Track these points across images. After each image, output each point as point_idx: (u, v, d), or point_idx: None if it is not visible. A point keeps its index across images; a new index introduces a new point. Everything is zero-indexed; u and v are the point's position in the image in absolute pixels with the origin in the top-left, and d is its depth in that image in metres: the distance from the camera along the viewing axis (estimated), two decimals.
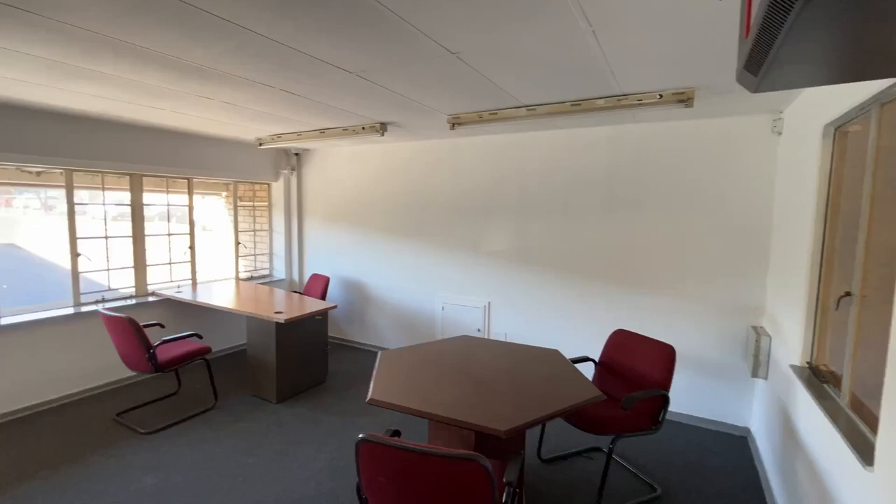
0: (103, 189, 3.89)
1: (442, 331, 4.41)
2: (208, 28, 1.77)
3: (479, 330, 4.20)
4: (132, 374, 3.88)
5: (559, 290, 3.83)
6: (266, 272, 5.45)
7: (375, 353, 4.83)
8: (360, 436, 1.52)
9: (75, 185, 3.68)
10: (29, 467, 2.68)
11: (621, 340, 2.82)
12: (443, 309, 4.39)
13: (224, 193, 5.24)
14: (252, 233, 5.33)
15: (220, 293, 4.26)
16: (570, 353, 3.05)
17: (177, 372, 3.59)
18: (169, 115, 3.44)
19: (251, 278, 5.22)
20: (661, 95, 2.54)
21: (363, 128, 3.63)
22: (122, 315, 3.04)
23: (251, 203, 5.32)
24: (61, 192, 3.66)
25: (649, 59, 2.07)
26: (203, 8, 1.59)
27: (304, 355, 3.81)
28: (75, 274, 3.73)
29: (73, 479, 2.57)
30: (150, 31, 1.81)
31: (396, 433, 1.85)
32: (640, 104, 2.62)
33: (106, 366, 3.75)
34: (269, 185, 5.37)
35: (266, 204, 5.40)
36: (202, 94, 2.77)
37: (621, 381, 2.72)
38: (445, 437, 2.28)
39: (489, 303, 4.17)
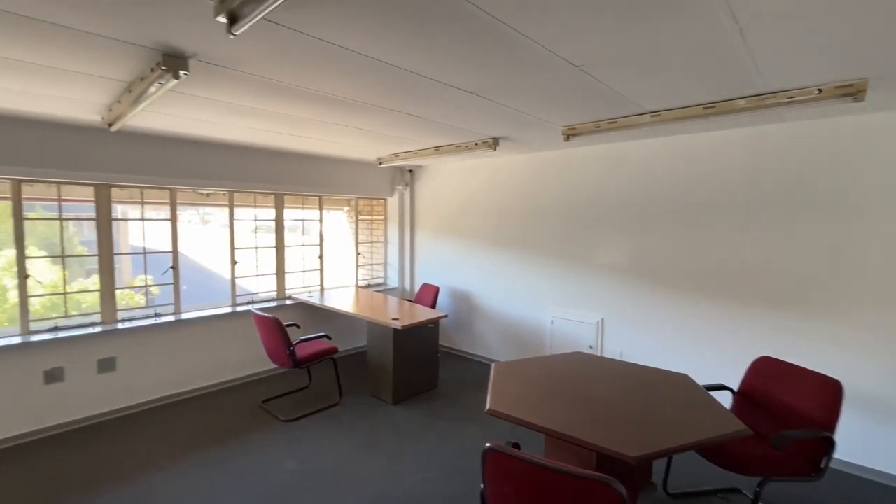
0: (255, 206, 4.56)
1: (551, 345, 4.31)
2: (357, 66, 2.00)
3: (591, 347, 4.02)
4: (273, 367, 4.43)
5: (685, 309, 3.50)
6: (381, 281, 5.87)
7: (483, 364, 4.88)
8: (488, 445, 1.55)
9: (235, 203, 4.38)
10: (198, 440, 3.21)
11: (768, 369, 2.48)
12: (552, 323, 4.29)
13: (346, 208, 5.78)
14: (369, 244, 5.79)
15: (343, 298, 4.69)
16: (700, 379, 2.75)
17: (308, 368, 4.03)
18: (308, 142, 3.93)
19: (368, 286, 5.65)
20: (820, 90, 2.22)
21: (476, 143, 3.75)
22: (270, 316, 3.51)
23: (369, 217, 5.79)
24: (214, 209, 4.37)
25: (808, 53, 1.83)
26: (354, 49, 1.81)
27: (418, 361, 4.00)
28: (233, 278, 4.41)
29: (232, 454, 3.02)
30: (309, 73, 2.10)
31: (516, 446, 1.86)
32: (790, 102, 2.32)
33: (254, 358, 4.35)
34: (385, 199, 5.80)
35: (382, 217, 5.84)
36: (340, 122, 3.12)
37: (767, 416, 2.39)
38: (563, 455, 2.22)
39: (602, 319, 3.97)
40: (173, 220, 4.02)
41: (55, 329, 3.41)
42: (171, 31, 1.67)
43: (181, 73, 1.92)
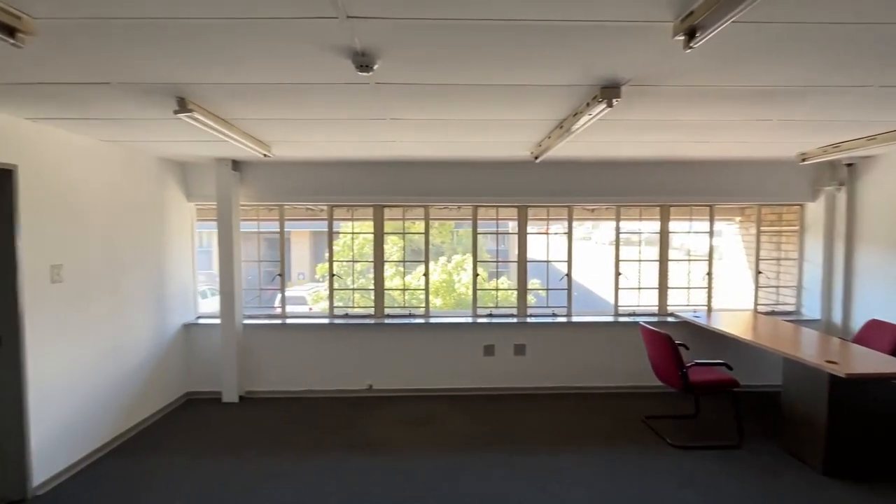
0: (640, 219, 4.59)
1: None
2: (826, 40, 1.62)
3: None
4: (656, 384, 4.28)
5: None
6: (791, 308, 4.65)
7: None
8: None
9: (622, 217, 4.56)
10: (589, 436, 3.46)
11: None
12: None
13: (738, 219, 4.95)
14: (774, 261, 4.71)
15: (738, 324, 3.99)
16: None
17: (697, 396, 3.65)
18: (706, 147, 3.59)
19: (772, 312, 4.60)
20: None
21: None
22: (662, 332, 3.39)
23: (773, 227, 4.71)
24: (575, 222, 4.63)
25: None
26: (833, 20, 1.46)
27: (871, 426, 2.88)
28: (617, 290, 4.59)
29: (619, 461, 3.07)
30: (754, 65, 1.88)
31: None
32: None
33: (635, 371, 4.33)
34: (801, 206, 4.57)
35: (794, 228, 4.62)
36: (762, 118, 2.66)
37: None
38: None
39: None
40: (569, 234, 4.59)
41: (490, 315, 4.56)
42: (617, 64, 1.85)
43: (614, 101, 2.12)
